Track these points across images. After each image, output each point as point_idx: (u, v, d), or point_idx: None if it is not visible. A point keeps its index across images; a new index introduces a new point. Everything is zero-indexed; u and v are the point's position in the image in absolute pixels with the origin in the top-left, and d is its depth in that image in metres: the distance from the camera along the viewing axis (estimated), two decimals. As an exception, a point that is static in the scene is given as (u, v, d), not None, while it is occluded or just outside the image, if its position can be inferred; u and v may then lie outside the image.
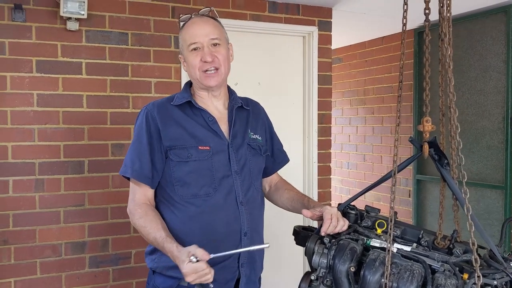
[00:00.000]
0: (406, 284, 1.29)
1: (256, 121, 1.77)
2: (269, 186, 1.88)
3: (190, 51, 1.61)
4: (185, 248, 1.39)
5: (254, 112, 1.79)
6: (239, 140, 1.66)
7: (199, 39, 1.60)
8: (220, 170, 1.59)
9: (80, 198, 2.93)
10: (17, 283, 2.79)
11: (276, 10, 3.47)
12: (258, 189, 1.72)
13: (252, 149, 1.68)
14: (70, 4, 2.72)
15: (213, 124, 1.63)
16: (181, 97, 1.65)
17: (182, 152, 1.57)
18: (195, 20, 1.64)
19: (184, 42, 1.63)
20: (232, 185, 1.60)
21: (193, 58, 1.61)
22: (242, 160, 1.64)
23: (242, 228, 1.60)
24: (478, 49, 3.80)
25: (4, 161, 2.76)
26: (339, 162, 5.66)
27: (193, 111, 1.64)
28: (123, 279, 3.03)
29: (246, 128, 1.71)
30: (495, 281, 1.30)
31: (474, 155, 3.84)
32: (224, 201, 1.59)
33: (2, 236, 2.76)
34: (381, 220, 1.53)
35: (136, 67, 3.04)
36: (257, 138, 1.72)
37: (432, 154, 1.48)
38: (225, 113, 1.69)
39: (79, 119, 2.91)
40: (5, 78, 2.75)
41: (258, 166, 1.72)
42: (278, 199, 1.84)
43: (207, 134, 1.61)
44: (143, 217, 1.54)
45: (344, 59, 5.50)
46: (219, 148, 1.60)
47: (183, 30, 1.65)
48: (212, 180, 1.58)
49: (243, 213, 1.61)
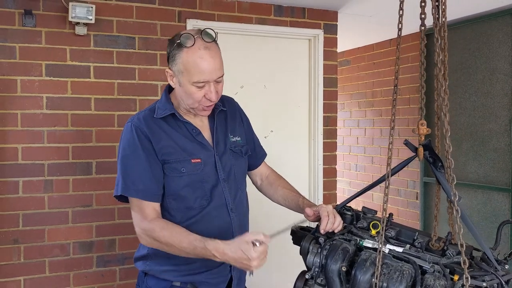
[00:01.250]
0: (396, 284, 1.31)
1: (234, 121, 1.75)
2: (260, 180, 1.89)
3: (192, 84, 1.50)
4: (235, 240, 1.40)
5: (231, 111, 1.75)
6: (221, 147, 1.65)
7: (207, 77, 1.49)
8: (209, 180, 1.59)
9: (88, 199, 2.99)
10: (27, 281, 2.86)
11: (282, 14, 3.50)
12: (243, 191, 1.74)
13: (234, 153, 1.68)
14: (78, 10, 2.79)
15: (197, 135, 1.60)
16: (164, 109, 1.59)
17: (176, 166, 1.54)
18: (203, 54, 1.48)
19: (187, 72, 1.49)
20: (222, 193, 1.61)
21: (195, 92, 1.51)
22: (227, 166, 1.64)
23: (234, 234, 1.61)
24: (485, 51, 3.78)
25: (14, 162, 2.83)
26: (347, 164, 5.66)
27: (177, 123, 1.60)
28: (129, 278, 3.08)
29: (226, 132, 1.69)
30: (485, 283, 1.32)
31: (480, 157, 3.82)
32: (217, 210, 1.60)
33: (12, 236, 2.83)
34: (376, 221, 1.55)
35: (143, 70, 3.10)
36: (237, 140, 1.71)
37: (427, 157, 1.50)
38: (206, 121, 1.67)
39: (87, 121, 2.97)
40: (16, 82, 2.83)
41: (242, 169, 1.73)
42: (272, 194, 1.86)
43: (195, 146, 1.59)
44: (165, 228, 1.50)
45: (352, 62, 5.51)
46: (208, 159, 1.60)
47: (185, 56, 1.49)
48: (204, 192, 1.58)
49: (234, 220, 1.64)
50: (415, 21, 1.40)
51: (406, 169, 4.62)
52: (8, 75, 2.81)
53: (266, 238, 1.37)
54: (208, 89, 1.51)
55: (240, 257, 1.36)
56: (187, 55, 1.49)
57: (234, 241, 1.40)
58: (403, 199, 4.76)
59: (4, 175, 2.81)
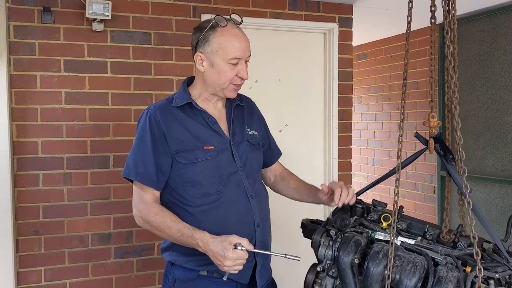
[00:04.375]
0: (409, 276, 1.32)
1: (251, 117, 1.81)
2: (273, 176, 1.93)
3: (227, 62, 1.58)
4: (221, 236, 1.45)
5: (248, 108, 1.82)
6: (238, 137, 1.69)
7: (242, 54, 1.59)
8: (227, 167, 1.63)
9: (106, 192, 3.05)
10: (47, 272, 2.94)
11: (296, 8, 3.50)
12: (260, 182, 1.78)
13: (251, 145, 1.72)
14: (95, 6, 2.83)
15: (213, 124, 1.65)
16: (181, 98, 1.65)
17: (189, 154, 1.59)
18: (237, 32, 1.60)
19: (223, 51, 1.57)
20: (240, 180, 1.64)
21: (229, 71, 1.59)
22: (244, 156, 1.68)
23: (254, 219, 1.65)
24: (503, 43, 3.72)
25: (34, 156, 2.90)
26: (364, 158, 5.64)
27: (193, 112, 1.65)
28: (146, 269, 3.14)
29: (243, 125, 1.74)
30: (497, 274, 1.32)
31: (498, 151, 3.77)
32: (235, 196, 1.63)
33: (33, 227, 2.91)
34: (387, 214, 1.56)
35: (158, 65, 3.14)
36: (254, 134, 1.76)
37: (438, 149, 1.50)
38: (223, 112, 1.72)
39: (105, 116, 3.03)
40: (35, 77, 2.89)
41: (258, 161, 1.77)
42: (284, 188, 1.89)
43: (210, 134, 1.63)
44: (159, 213, 1.55)
45: (370, 55, 5.47)
46: (222, 146, 1.64)
47: (221, 36, 1.58)
48: (220, 178, 1.61)
49: (254, 206, 1.66)
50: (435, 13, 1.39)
51: (423, 163, 4.63)
52: (28, 71, 2.88)
53: (249, 246, 1.43)
54: (240, 67, 1.60)
55: (218, 253, 1.42)
56: (222, 33, 1.58)
57: (221, 237, 1.44)
58: (421, 193, 4.73)
59: (25, 168, 2.89)
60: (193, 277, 1.63)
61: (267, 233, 1.72)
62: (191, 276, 1.64)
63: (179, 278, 1.66)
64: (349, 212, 1.64)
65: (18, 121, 2.87)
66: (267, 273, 1.76)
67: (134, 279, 3.12)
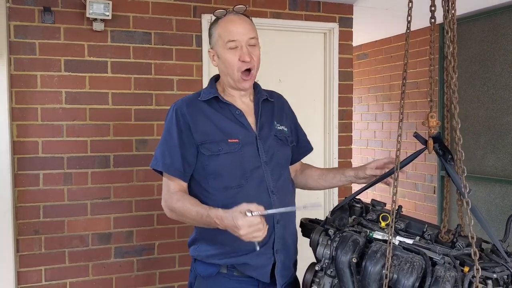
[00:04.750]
0: (406, 275, 1.32)
1: (281, 112, 1.81)
2: (294, 172, 1.92)
3: (228, 49, 1.62)
4: (233, 208, 1.43)
5: (278, 104, 1.83)
6: (266, 131, 1.70)
7: (238, 37, 1.61)
8: (250, 161, 1.63)
9: (106, 191, 3.05)
10: (47, 271, 2.95)
11: (297, 7, 3.50)
12: (288, 178, 1.76)
13: (279, 140, 1.72)
14: (95, 6, 2.84)
15: (240, 117, 1.67)
16: (208, 93, 1.68)
17: (213, 146, 1.61)
18: (233, 18, 1.63)
19: (221, 38, 1.63)
20: (262, 175, 1.64)
21: (231, 57, 1.62)
22: (270, 151, 1.68)
23: (274, 216, 1.63)
24: (503, 43, 3.72)
25: (35, 155, 2.91)
26: (364, 158, 5.64)
27: (220, 106, 1.67)
28: (147, 269, 3.14)
29: (272, 119, 1.74)
30: (495, 274, 1.32)
31: (498, 151, 3.77)
32: (256, 190, 1.63)
33: (33, 227, 2.92)
34: (385, 214, 1.56)
35: (159, 65, 3.14)
36: (283, 129, 1.76)
37: (437, 149, 1.50)
38: (251, 106, 1.73)
39: (105, 115, 3.03)
40: (36, 77, 2.90)
41: (285, 156, 1.76)
42: (307, 179, 1.90)
43: (235, 127, 1.65)
44: (180, 199, 1.58)
45: (370, 55, 5.47)
46: (247, 140, 1.64)
47: (218, 26, 1.64)
48: (243, 172, 1.62)
49: (275, 202, 1.64)
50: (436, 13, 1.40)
51: (424, 163, 4.63)
52: (29, 71, 2.88)
53: (260, 209, 1.40)
54: (241, 51, 1.61)
55: (231, 225, 1.41)
56: (219, 24, 1.65)
57: (232, 209, 1.43)
58: (421, 193, 4.73)
59: (25, 168, 2.89)
60: (213, 274, 1.64)
61: (288, 230, 1.69)
62: (211, 273, 1.65)
63: (200, 274, 1.68)
64: (348, 212, 1.65)
65: (18, 120, 2.87)
66: (289, 272, 1.72)
67: (134, 278, 3.12)
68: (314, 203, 1.45)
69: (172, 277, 3.21)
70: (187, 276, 3.45)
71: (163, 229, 3.17)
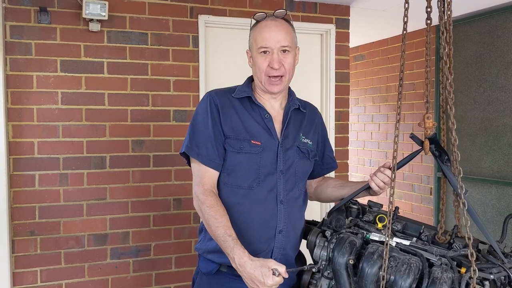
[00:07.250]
0: (403, 276, 1.32)
1: (310, 125, 1.80)
2: (314, 185, 1.90)
3: (259, 53, 1.64)
4: (260, 259, 1.42)
5: (310, 116, 1.82)
6: (289, 141, 1.69)
7: (270, 44, 1.62)
8: (267, 166, 1.63)
9: (102, 192, 3.04)
10: (43, 272, 2.93)
11: (293, 8, 3.50)
12: (301, 190, 1.73)
13: (300, 152, 1.71)
14: (92, 6, 2.83)
15: (268, 121, 1.67)
16: (242, 91, 1.70)
17: (236, 143, 1.62)
18: (269, 23, 1.64)
19: (255, 42, 1.65)
20: (275, 183, 1.63)
21: (261, 61, 1.64)
22: (290, 161, 1.67)
23: (277, 225, 1.62)
24: (500, 45, 3.73)
25: (30, 156, 2.89)
26: (361, 159, 5.64)
27: (252, 106, 1.68)
28: (143, 270, 3.13)
29: (299, 130, 1.73)
30: (492, 275, 1.32)
31: (495, 152, 3.78)
32: (265, 197, 1.62)
33: (29, 228, 2.90)
34: (382, 215, 1.56)
35: (155, 66, 3.13)
36: (307, 142, 1.74)
37: (433, 150, 1.50)
38: (281, 113, 1.72)
39: (101, 116, 3.03)
40: (32, 77, 2.89)
41: (304, 169, 1.74)
42: (327, 189, 1.85)
43: (260, 130, 1.65)
44: (214, 207, 1.55)
45: (367, 56, 5.48)
46: (269, 145, 1.64)
47: (255, 30, 1.66)
48: (257, 175, 1.61)
49: (281, 211, 1.63)
50: (433, 15, 1.40)
51: (420, 164, 4.63)
52: (25, 71, 2.87)
53: (285, 274, 1.39)
54: (271, 57, 1.62)
55: (255, 277, 1.39)
56: (256, 28, 1.67)
57: (259, 261, 1.41)
58: (417, 194, 4.73)
59: (21, 169, 2.88)
60: (213, 272, 1.64)
61: (290, 242, 1.66)
62: (212, 270, 1.64)
63: (201, 271, 1.68)
64: (345, 213, 1.64)
65: (14, 121, 2.86)
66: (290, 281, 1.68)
67: (131, 280, 3.11)
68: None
69: (169, 278, 3.20)
70: (183, 277, 3.46)
71: (159, 230, 3.16)
